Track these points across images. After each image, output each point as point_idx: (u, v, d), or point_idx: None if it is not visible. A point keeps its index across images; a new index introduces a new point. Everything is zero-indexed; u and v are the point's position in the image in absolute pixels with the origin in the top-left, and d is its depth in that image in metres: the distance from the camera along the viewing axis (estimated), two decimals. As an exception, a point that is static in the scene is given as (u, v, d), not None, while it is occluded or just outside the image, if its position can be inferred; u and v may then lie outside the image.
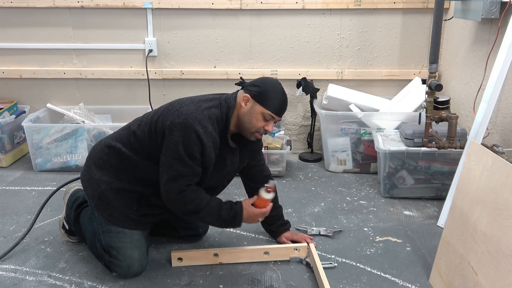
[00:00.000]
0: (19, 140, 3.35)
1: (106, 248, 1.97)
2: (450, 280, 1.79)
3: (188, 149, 1.79)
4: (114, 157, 1.95)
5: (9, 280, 1.98)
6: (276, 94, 1.90)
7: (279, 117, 1.93)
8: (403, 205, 2.65)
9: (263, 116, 1.89)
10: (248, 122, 1.90)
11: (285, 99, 1.94)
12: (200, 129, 1.79)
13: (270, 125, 1.92)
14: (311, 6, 3.24)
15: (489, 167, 1.64)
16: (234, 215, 1.90)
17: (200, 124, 1.79)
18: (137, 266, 1.97)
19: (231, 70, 3.38)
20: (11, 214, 2.55)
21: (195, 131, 1.78)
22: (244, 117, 1.90)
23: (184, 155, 1.79)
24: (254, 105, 1.89)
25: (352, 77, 3.37)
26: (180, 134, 1.78)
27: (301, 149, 3.55)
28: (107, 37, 3.38)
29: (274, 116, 1.90)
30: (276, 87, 1.91)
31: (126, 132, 1.97)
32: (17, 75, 3.45)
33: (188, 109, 1.83)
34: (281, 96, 1.92)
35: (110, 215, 1.95)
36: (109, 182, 1.94)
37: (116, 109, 3.47)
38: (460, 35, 3.00)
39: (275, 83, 1.94)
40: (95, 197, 1.96)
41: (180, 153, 1.79)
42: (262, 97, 1.88)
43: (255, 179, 2.17)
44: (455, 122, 2.50)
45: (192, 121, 1.79)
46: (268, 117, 1.89)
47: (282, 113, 1.94)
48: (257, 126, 1.90)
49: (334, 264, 2.06)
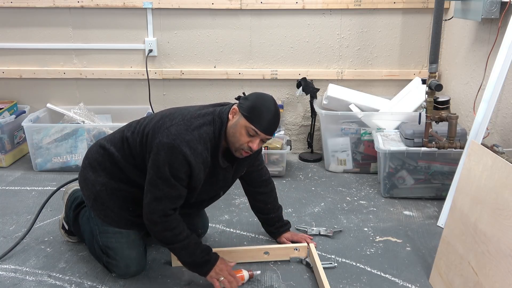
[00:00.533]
0: (19, 140, 3.35)
1: (104, 249, 1.96)
2: (450, 280, 1.79)
3: (174, 170, 1.73)
4: (108, 159, 1.93)
5: (9, 280, 1.98)
6: (264, 111, 1.78)
7: (264, 134, 1.79)
8: (403, 205, 2.65)
9: (246, 130, 1.78)
10: (232, 135, 1.80)
11: (274, 118, 1.81)
12: (187, 151, 1.72)
13: (254, 142, 1.80)
14: (311, 6, 3.24)
15: (489, 167, 1.64)
16: (206, 260, 1.85)
17: (188, 146, 1.73)
18: (135, 266, 1.97)
19: (231, 70, 3.38)
20: (11, 214, 2.55)
21: (183, 153, 1.72)
22: (229, 130, 1.81)
23: (169, 176, 1.73)
24: (239, 118, 1.79)
25: (352, 77, 3.37)
26: (167, 155, 1.72)
27: (301, 149, 3.55)
28: (107, 37, 3.38)
29: (258, 132, 1.77)
30: (266, 103, 1.80)
31: (120, 135, 1.94)
32: (17, 75, 3.45)
33: (178, 129, 1.76)
34: (270, 113, 1.79)
35: (106, 215, 1.94)
36: (103, 183, 1.92)
37: (116, 109, 3.47)
38: (460, 35, 3.00)
39: (267, 99, 1.82)
40: (91, 198, 1.95)
41: (166, 173, 1.73)
42: (249, 111, 1.77)
43: (254, 183, 2.16)
44: (455, 122, 2.50)
45: (180, 142, 1.72)
46: (251, 132, 1.78)
47: (268, 131, 1.80)
48: (240, 141, 1.80)
49: (334, 264, 2.06)
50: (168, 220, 1.79)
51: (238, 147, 1.82)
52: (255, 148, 1.81)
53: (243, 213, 2.56)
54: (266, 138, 1.83)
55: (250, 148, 1.81)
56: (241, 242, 2.27)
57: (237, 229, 2.40)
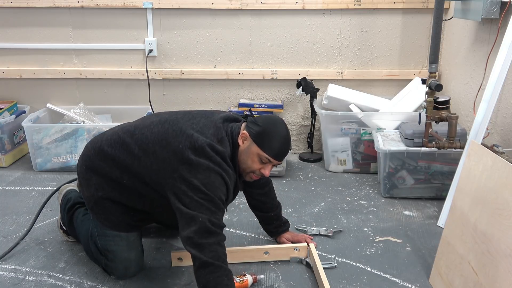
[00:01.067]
0: (19, 140, 3.35)
1: (103, 252, 1.95)
2: (450, 280, 1.79)
3: (218, 191, 1.67)
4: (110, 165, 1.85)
5: (9, 280, 1.98)
6: (276, 137, 1.76)
7: (277, 161, 1.79)
8: (403, 205, 2.65)
9: (259, 157, 1.77)
10: (244, 162, 1.79)
11: (287, 143, 1.80)
12: (223, 172, 1.69)
13: (267, 169, 1.80)
14: (311, 6, 3.24)
15: (489, 167, 1.64)
16: None
17: (220, 167, 1.69)
18: (134, 267, 1.96)
19: (231, 70, 3.38)
20: (11, 214, 2.55)
21: (221, 175, 1.68)
22: (240, 156, 1.79)
23: (214, 196, 1.65)
24: (251, 145, 1.77)
25: (352, 77, 3.37)
26: (206, 176, 1.66)
27: (301, 149, 3.55)
28: (107, 37, 3.38)
29: (272, 160, 1.77)
30: (278, 129, 1.78)
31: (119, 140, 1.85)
32: (17, 75, 3.45)
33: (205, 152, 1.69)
34: (282, 140, 1.78)
35: (106, 219, 1.92)
36: (107, 191, 1.88)
37: (116, 109, 3.47)
38: (460, 35, 3.00)
39: (278, 123, 1.80)
40: (92, 201, 1.91)
41: (210, 194, 1.65)
42: (261, 138, 1.75)
43: (251, 184, 2.13)
44: (455, 122, 2.50)
45: (216, 164, 1.68)
46: (265, 160, 1.77)
47: (281, 158, 1.80)
48: (253, 168, 1.79)
49: (334, 264, 2.06)
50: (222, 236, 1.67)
51: (249, 172, 1.82)
52: (267, 175, 1.82)
53: (243, 213, 2.56)
54: (278, 164, 1.83)
55: (262, 174, 1.81)
56: (241, 242, 2.27)
57: (237, 229, 2.40)
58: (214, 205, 1.66)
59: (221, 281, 1.60)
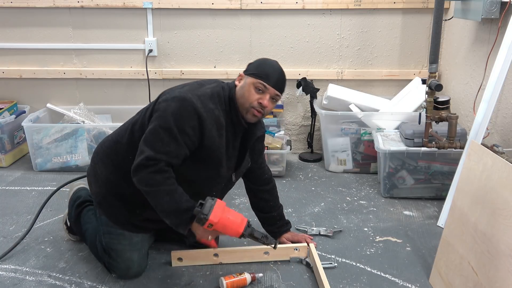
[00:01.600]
0: (19, 140, 3.35)
1: (106, 249, 1.96)
2: (450, 280, 1.79)
3: (180, 122, 1.69)
4: (120, 153, 1.90)
5: (9, 280, 1.98)
6: (270, 67, 1.84)
7: (273, 88, 1.82)
8: (403, 205, 2.65)
9: (254, 86, 1.81)
10: (241, 96, 1.83)
11: (281, 74, 1.86)
12: (198, 103, 1.72)
13: (265, 98, 1.81)
14: (311, 6, 3.24)
15: (489, 167, 1.64)
16: (190, 207, 1.71)
17: (199, 99, 1.73)
18: (135, 268, 1.97)
19: (231, 70, 3.38)
20: (11, 214, 2.55)
21: (192, 104, 1.71)
22: (238, 93, 1.84)
23: (173, 126, 1.69)
24: (246, 79, 1.85)
25: (352, 77, 3.37)
26: (175, 106, 1.71)
27: (301, 149, 3.55)
28: (107, 37, 3.38)
29: (266, 86, 1.80)
30: (270, 61, 1.88)
31: (129, 123, 1.94)
32: (17, 75, 3.45)
33: (191, 87, 1.80)
34: (276, 69, 1.85)
35: (112, 215, 1.95)
36: (115, 183, 1.91)
37: (116, 109, 3.47)
38: (460, 35, 3.00)
39: (270, 59, 1.90)
40: (100, 195, 1.96)
41: (170, 122, 1.69)
42: (253, 68, 1.84)
43: (256, 181, 2.17)
44: (455, 122, 2.50)
45: (192, 95, 1.73)
46: (260, 87, 1.81)
47: (276, 85, 1.82)
48: (250, 99, 1.81)
49: (334, 264, 2.06)
50: (160, 165, 1.69)
51: (249, 106, 1.82)
52: (265, 104, 1.82)
53: (243, 213, 2.55)
54: (275, 94, 1.84)
55: (260, 105, 1.82)
56: (241, 242, 2.26)
57: (237, 229, 2.40)
58: (169, 136, 1.69)
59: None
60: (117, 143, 1.93)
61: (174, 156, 1.73)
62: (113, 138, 1.97)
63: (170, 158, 1.72)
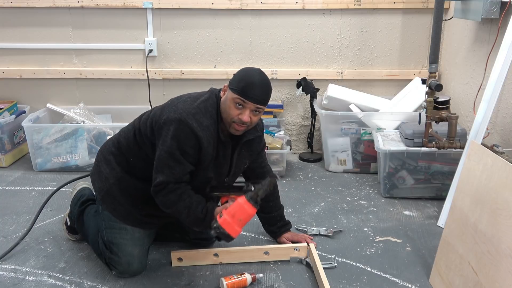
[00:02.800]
0: (19, 140, 3.35)
1: (108, 244, 1.98)
2: (450, 280, 1.79)
3: (181, 144, 1.78)
4: (122, 153, 1.97)
5: (9, 280, 1.98)
6: (249, 79, 1.79)
7: (252, 103, 1.78)
8: (403, 205, 2.65)
9: (234, 102, 1.80)
10: (224, 111, 1.84)
11: (260, 85, 1.80)
12: (194, 123, 1.78)
13: (244, 114, 1.79)
14: (311, 6, 3.24)
15: (489, 167, 1.64)
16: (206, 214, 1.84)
17: (194, 119, 1.79)
18: (136, 264, 1.97)
19: (231, 70, 3.38)
20: (11, 214, 2.55)
21: (189, 126, 1.77)
22: (221, 107, 1.86)
23: (176, 149, 1.78)
24: (228, 93, 1.84)
25: (352, 77, 3.37)
26: (174, 129, 1.78)
27: (301, 149, 3.55)
28: (107, 37, 3.38)
29: (245, 101, 1.78)
30: (250, 73, 1.83)
31: (132, 126, 1.99)
32: (17, 75, 3.45)
33: (185, 105, 1.83)
34: (255, 82, 1.79)
35: (115, 209, 1.97)
36: (117, 178, 1.95)
37: (116, 109, 3.47)
38: (460, 35, 3.00)
39: (251, 70, 1.86)
40: (103, 190, 1.98)
41: (172, 147, 1.78)
42: (234, 82, 1.81)
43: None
44: (455, 122, 2.50)
45: (187, 115, 1.78)
46: (239, 102, 1.79)
47: (254, 99, 1.78)
48: (231, 115, 1.81)
49: (334, 264, 2.06)
50: (170, 186, 1.81)
51: (230, 120, 1.84)
52: (245, 119, 1.80)
53: (243, 213, 2.56)
54: (256, 107, 1.81)
55: (240, 120, 1.81)
56: (241, 242, 2.27)
57: (237, 229, 2.40)
58: (173, 160, 1.79)
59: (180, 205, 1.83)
60: (120, 143, 1.99)
61: (182, 175, 1.83)
62: (116, 138, 2.03)
63: (178, 178, 1.83)
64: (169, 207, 1.85)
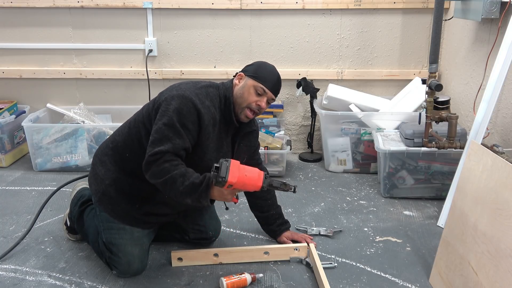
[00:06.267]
0: (19, 140, 3.35)
1: (107, 245, 1.97)
2: (450, 280, 1.79)
3: (182, 118, 1.78)
4: (118, 151, 1.97)
5: (9, 280, 1.98)
6: (269, 72, 1.94)
7: (271, 92, 1.92)
8: (403, 205, 2.65)
9: (255, 89, 1.90)
10: (240, 96, 1.92)
11: (278, 80, 1.96)
12: (197, 100, 1.81)
13: (263, 101, 1.92)
14: (311, 6, 3.24)
15: (489, 167, 1.64)
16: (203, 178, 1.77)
17: (197, 97, 1.83)
18: (137, 264, 1.97)
19: (231, 70, 3.38)
20: (11, 214, 2.55)
21: (192, 100, 1.80)
22: (237, 92, 1.93)
23: (176, 122, 1.77)
24: (247, 80, 1.92)
25: (352, 77, 3.37)
26: (177, 103, 1.79)
27: (301, 149, 3.55)
28: (107, 37, 3.38)
29: (266, 90, 1.91)
30: (269, 66, 1.97)
31: (127, 122, 2.00)
32: (17, 75, 3.45)
33: (187, 86, 1.88)
34: (275, 75, 1.95)
35: (113, 210, 1.97)
36: (113, 178, 1.95)
37: (116, 109, 3.47)
38: (460, 35, 3.00)
39: (269, 64, 1.99)
40: (99, 192, 1.98)
41: (173, 119, 1.78)
42: (255, 72, 1.92)
43: None
44: (455, 122, 2.50)
45: (190, 93, 1.82)
46: (260, 90, 1.90)
47: (274, 90, 1.94)
48: (249, 100, 1.91)
49: (334, 264, 2.06)
50: (166, 156, 1.76)
51: (246, 105, 1.91)
52: (263, 106, 1.93)
53: (243, 213, 2.56)
54: (271, 99, 1.95)
55: (259, 106, 1.92)
56: (241, 242, 2.27)
57: (237, 229, 2.40)
58: (173, 131, 1.77)
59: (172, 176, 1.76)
60: (114, 142, 1.99)
61: (180, 148, 1.80)
62: (110, 139, 2.04)
63: (176, 150, 1.79)
64: (162, 177, 1.76)
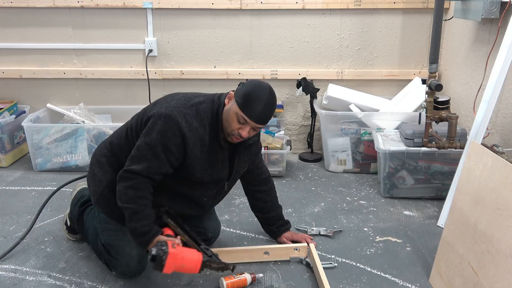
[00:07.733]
0: (19, 140, 3.35)
1: (106, 246, 1.97)
2: (450, 280, 1.79)
3: (166, 140, 1.75)
4: (115, 154, 1.95)
5: (9, 280, 1.98)
6: (257, 99, 1.76)
7: (254, 123, 1.78)
8: (403, 205, 2.65)
9: (237, 117, 1.78)
10: (225, 120, 1.82)
11: (266, 108, 1.78)
12: (183, 122, 1.76)
13: (244, 130, 1.79)
14: (311, 6, 3.24)
15: (489, 167, 1.64)
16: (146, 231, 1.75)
17: (184, 119, 1.77)
18: (135, 264, 1.97)
19: (231, 70, 3.38)
20: (11, 214, 2.55)
21: (177, 123, 1.75)
22: (224, 115, 1.83)
23: (158, 144, 1.75)
24: (233, 104, 1.80)
25: (352, 77, 3.37)
26: (162, 124, 1.76)
27: (301, 149, 3.55)
28: (107, 37, 3.38)
29: (248, 120, 1.77)
30: (260, 92, 1.78)
31: (124, 126, 1.99)
32: (17, 75, 3.45)
33: (177, 103, 1.81)
34: (262, 103, 1.76)
35: (110, 211, 1.95)
36: (110, 179, 1.93)
37: (116, 109, 3.47)
38: (460, 35, 3.00)
39: (262, 87, 1.80)
40: (97, 193, 1.97)
41: (156, 141, 1.75)
42: (241, 97, 1.77)
43: (253, 181, 2.16)
44: (455, 122, 2.50)
45: (177, 114, 1.77)
46: (241, 119, 1.78)
47: (258, 120, 1.78)
48: (231, 127, 1.80)
49: (334, 264, 2.06)
50: (138, 180, 1.76)
51: (229, 132, 1.83)
52: (244, 135, 1.81)
53: (243, 213, 2.56)
54: (257, 127, 1.82)
55: (239, 134, 1.81)
56: (241, 242, 2.27)
57: (237, 229, 2.40)
58: (152, 154, 1.75)
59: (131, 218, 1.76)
60: (112, 144, 1.98)
61: (154, 172, 1.78)
62: (108, 140, 2.02)
63: (150, 174, 1.78)
64: (121, 201, 1.77)
